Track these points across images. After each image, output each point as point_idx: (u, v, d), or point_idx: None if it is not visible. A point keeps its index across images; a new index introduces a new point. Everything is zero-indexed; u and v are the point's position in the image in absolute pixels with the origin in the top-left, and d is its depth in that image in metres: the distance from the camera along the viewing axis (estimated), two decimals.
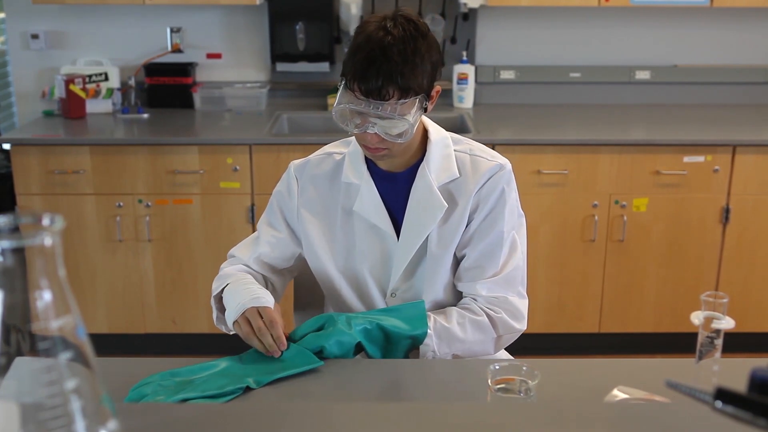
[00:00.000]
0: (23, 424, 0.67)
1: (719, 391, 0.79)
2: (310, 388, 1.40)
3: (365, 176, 1.58)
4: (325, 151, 1.67)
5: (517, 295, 1.62)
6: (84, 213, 3.10)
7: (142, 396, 1.32)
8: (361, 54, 1.41)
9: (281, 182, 1.70)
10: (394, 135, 1.45)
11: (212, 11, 3.58)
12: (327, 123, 3.48)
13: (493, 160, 1.58)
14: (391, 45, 1.40)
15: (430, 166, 1.56)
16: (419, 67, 1.42)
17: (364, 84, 1.41)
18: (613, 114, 3.50)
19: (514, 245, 1.61)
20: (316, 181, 1.63)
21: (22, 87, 3.66)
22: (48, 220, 0.67)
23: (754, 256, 3.17)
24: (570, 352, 3.25)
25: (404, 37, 1.41)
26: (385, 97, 1.41)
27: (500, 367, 1.21)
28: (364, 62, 1.40)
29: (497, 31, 3.61)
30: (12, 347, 0.67)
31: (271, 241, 1.67)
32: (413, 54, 1.41)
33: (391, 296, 1.62)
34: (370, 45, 1.41)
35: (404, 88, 1.41)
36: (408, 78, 1.40)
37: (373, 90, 1.40)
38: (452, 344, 1.52)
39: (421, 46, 1.42)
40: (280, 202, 1.69)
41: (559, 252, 3.16)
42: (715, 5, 3.29)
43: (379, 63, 1.39)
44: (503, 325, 1.58)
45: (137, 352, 3.23)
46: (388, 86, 1.40)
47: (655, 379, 1.21)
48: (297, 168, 1.66)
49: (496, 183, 1.56)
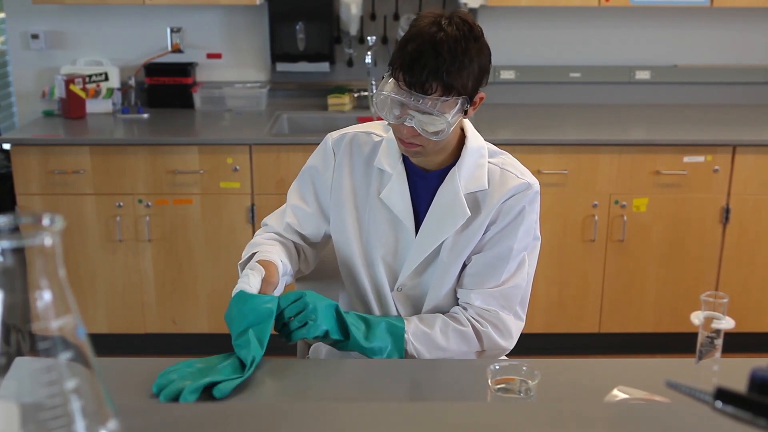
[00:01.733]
0: (23, 424, 0.67)
1: (719, 391, 0.79)
2: (310, 388, 1.40)
3: (398, 167, 1.57)
4: (366, 128, 1.66)
5: (512, 314, 1.60)
6: (84, 213, 3.10)
7: (169, 381, 1.32)
8: (411, 46, 1.41)
9: (316, 155, 1.67)
10: (430, 132, 1.44)
11: (212, 11, 3.58)
12: (327, 123, 3.48)
13: (522, 178, 1.56)
14: (442, 41, 1.39)
15: (461, 173, 1.54)
16: (467, 68, 1.41)
17: (409, 75, 1.40)
18: (613, 114, 3.50)
19: (521, 265, 1.59)
20: (353, 159, 1.62)
21: (22, 87, 3.66)
22: (48, 220, 0.66)
23: (754, 256, 3.17)
24: (570, 352, 3.25)
25: (457, 36, 1.40)
26: (428, 91, 1.40)
27: (500, 367, 1.21)
28: (413, 54, 1.40)
29: (497, 31, 3.60)
30: (12, 347, 0.67)
31: (299, 215, 1.67)
32: (463, 54, 1.40)
33: (398, 290, 1.63)
34: (422, 38, 1.40)
35: (448, 86, 1.41)
36: (453, 76, 1.40)
37: (417, 83, 1.40)
38: (431, 350, 1.53)
39: (471, 48, 1.42)
40: (313, 176, 1.66)
41: (559, 252, 3.16)
42: (715, 5, 3.29)
43: (426, 57, 1.39)
44: (488, 340, 1.56)
45: (137, 352, 3.23)
46: (432, 81, 1.39)
47: (655, 379, 1.21)
48: (335, 141, 1.64)
49: (518, 200, 1.54)
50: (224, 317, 1.47)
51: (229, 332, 1.46)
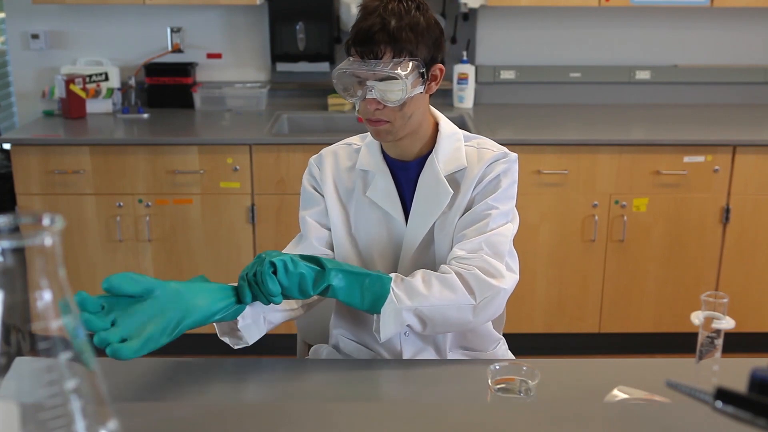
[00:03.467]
0: (23, 424, 0.67)
1: (719, 391, 0.79)
2: (310, 388, 1.40)
3: (380, 164, 1.61)
4: (344, 141, 1.71)
5: (502, 263, 1.49)
6: (84, 213, 3.10)
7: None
8: (357, 23, 1.48)
9: (305, 175, 1.70)
10: (392, 100, 1.47)
11: (212, 11, 3.58)
12: (327, 123, 3.48)
13: (496, 150, 1.60)
14: (386, 9, 1.46)
15: (439, 157, 1.58)
16: (414, 29, 1.46)
17: (360, 45, 1.46)
18: (613, 114, 3.50)
19: (505, 223, 1.54)
20: (336, 167, 1.66)
21: (22, 87, 3.66)
22: (48, 220, 0.66)
23: (754, 256, 3.17)
24: (570, 352, 3.25)
25: (400, 5, 1.47)
26: (378, 54, 1.45)
27: (500, 367, 1.21)
28: (361, 26, 1.46)
29: (497, 31, 3.61)
30: (12, 347, 0.67)
31: (320, 223, 1.65)
32: (407, 14, 1.46)
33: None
34: (366, 11, 1.47)
35: (397, 46, 1.45)
36: (400, 35, 1.44)
37: (368, 50, 1.45)
38: (413, 297, 1.41)
39: (415, 13, 1.47)
40: (312, 183, 1.68)
41: (559, 252, 3.16)
42: (715, 5, 3.29)
43: (372, 23, 1.45)
44: (476, 281, 1.44)
45: None
46: (380, 44, 1.44)
47: (655, 379, 1.21)
48: (316, 158, 1.69)
49: (495, 166, 1.57)
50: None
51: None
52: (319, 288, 1.39)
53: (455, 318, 1.45)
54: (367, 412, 1.08)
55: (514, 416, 1.08)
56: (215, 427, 1.03)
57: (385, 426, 1.04)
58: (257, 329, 1.48)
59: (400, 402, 1.35)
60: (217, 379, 1.46)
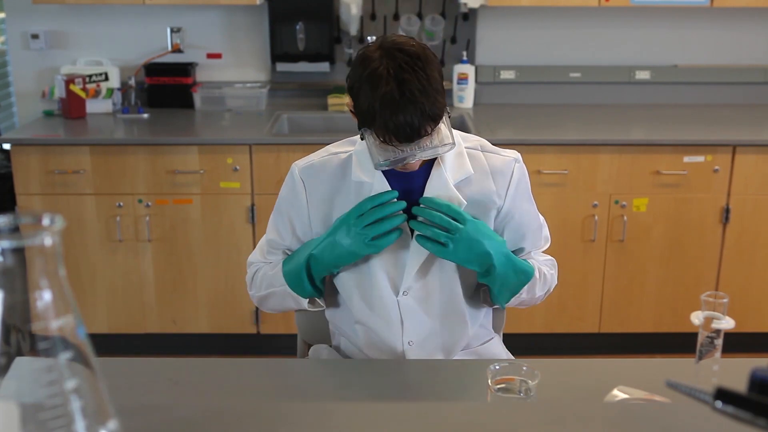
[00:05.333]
0: (23, 424, 0.67)
1: (719, 391, 0.79)
2: (310, 388, 1.40)
3: (377, 174, 1.53)
4: (328, 151, 1.62)
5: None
6: (84, 213, 3.10)
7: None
8: (385, 109, 1.38)
9: (285, 186, 1.64)
10: (443, 152, 1.47)
11: (212, 11, 3.58)
12: (327, 123, 3.48)
13: (507, 156, 1.61)
14: (404, 84, 1.37)
15: (446, 164, 1.54)
16: (439, 92, 1.41)
17: (406, 141, 1.41)
18: (613, 114, 3.50)
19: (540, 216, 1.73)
20: (325, 181, 1.58)
21: (22, 87, 3.66)
22: (48, 220, 0.67)
23: (754, 256, 3.17)
24: (570, 352, 3.25)
25: (414, 74, 1.38)
26: (422, 134, 1.41)
27: (500, 367, 1.21)
28: (394, 120, 1.38)
29: (497, 31, 3.61)
30: (12, 347, 0.67)
31: (280, 249, 1.67)
32: (426, 81, 1.39)
33: (404, 294, 1.57)
34: (393, 102, 1.37)
35: (436, 121, 1.41)
36: (434, 111, 1.40)
37: (412, 137, 1.40)
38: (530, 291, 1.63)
39: (427, 71, 1.40)
40: (287, 207, 1.63)
41: (558, 252, 3.14)
42: (715, 5, 3.29)
43: (408, 116, 1.37)
44: (552, 282, 1.71)
45: (137, 352, 3.23)
46: (423, 127, 1.40)
47: (655, 379, 1.21)
48: (302, 170, 1.60)
49: (519, 175, 1.61)
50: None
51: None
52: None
53: (532, 304, 1.70)
54: (367, 412, 1.08)
55: (514, 416, 1.08)
56: (215, 427, 1.03)
57: (385, 426, 1.04)
58: None
59: (400, 402, 1.35)
60: (217, 379, 1.46)
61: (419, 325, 1.58)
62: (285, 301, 1.63)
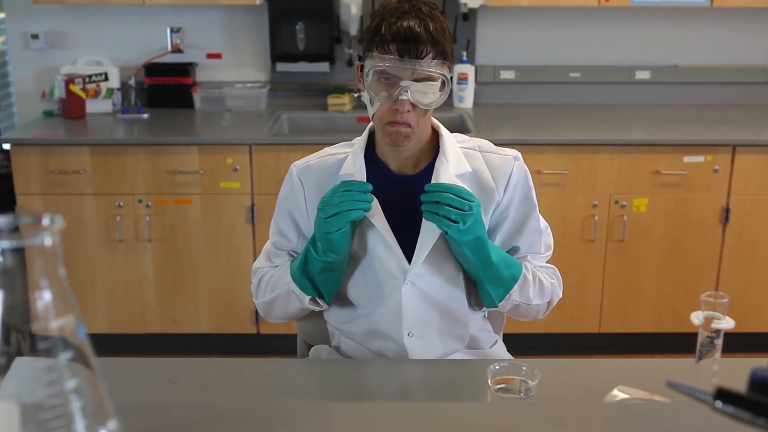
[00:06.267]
0: (23, 424, 0.67)
1: (719, 391, 0.79)
2: (309, 388, 1.40)
3: (360, 170, 1.54)
4: (326, 152, 1.63)
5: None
6: (84, 213, 3.10)
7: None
8: (392, 19, 1.43)
9: (284, 186, 1.65)
10: (425, 103, 1.45)
11: (212, 11, 3.58)
12: (327, 123, 3.48)
13: (506, 155, 1.61)
14: (420, 9, 1.44)
15: (449, 160, 1.54)
16: (446, 31, 1.46)
17: (401, 43, 1.42)
18: (613, 114, 3.50)
19: (541, 220, 1.73)
20: (321, 181, 1.59)
21: (22, 87, 3.66)
22: (48, 220, 0.66)
23: (754, 256, 3.17)
24: (570, 352, 3.25)
25: (428, 9, 1.46)
26: (420, 54, 1.42)
27: (500, 367, 1.21)
28: (397, 23, 1.42)
29: (497, 31, 3.61)
30: (12, 347, 0.67)
31: (284, 249, 1.66)
32: (438, 18, 1.45)
33: (407, 284, 1.55)
34: (397, 11, 1.44)
35: (437, 47, 1.43)
36: (439, 37, 1.43)
37: (410, 48, 1.42)
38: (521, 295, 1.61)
39: (443, 19, 1.47)
40: (288, 205, 1.64)
41: (558, 252, 3.14)
42: (715, 5, 3.29)
43: (411, 22, 1.42)
44: (554, 295, 1.74)
45: (137, 352, 3.23)
46: (423, 43, 1.42)
47: (655, 379, 1.21)
48: (300, 171, 1.61)
49: (519, 173, 1.61)
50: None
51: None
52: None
53: (533, 315, 1.70)
54: (367, 412, 1.08)
55: (514, 416, 1.08)
56: (215, 427, 1.03)
57: (385, 426, 1.04)
58: None
59: (400, 402, 1.35)
60: (217, 379, 1.46)
61: (420, 317, 1.58)
62: (289, 304, 1.62)
